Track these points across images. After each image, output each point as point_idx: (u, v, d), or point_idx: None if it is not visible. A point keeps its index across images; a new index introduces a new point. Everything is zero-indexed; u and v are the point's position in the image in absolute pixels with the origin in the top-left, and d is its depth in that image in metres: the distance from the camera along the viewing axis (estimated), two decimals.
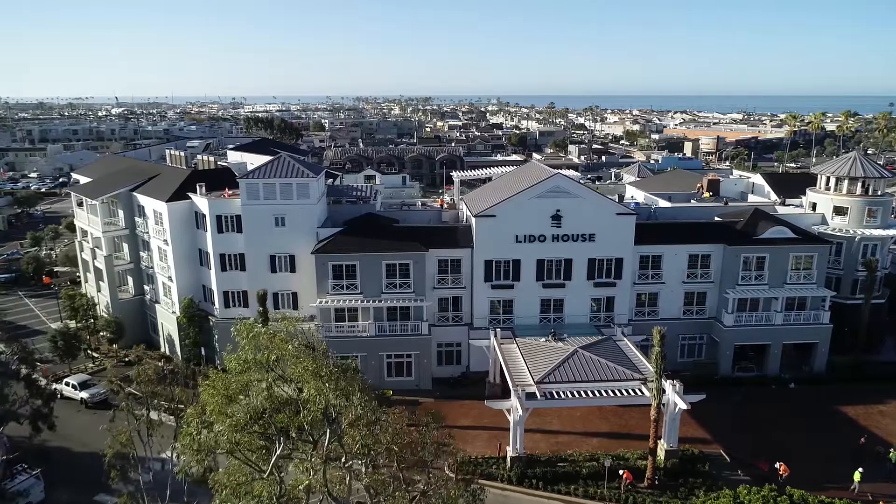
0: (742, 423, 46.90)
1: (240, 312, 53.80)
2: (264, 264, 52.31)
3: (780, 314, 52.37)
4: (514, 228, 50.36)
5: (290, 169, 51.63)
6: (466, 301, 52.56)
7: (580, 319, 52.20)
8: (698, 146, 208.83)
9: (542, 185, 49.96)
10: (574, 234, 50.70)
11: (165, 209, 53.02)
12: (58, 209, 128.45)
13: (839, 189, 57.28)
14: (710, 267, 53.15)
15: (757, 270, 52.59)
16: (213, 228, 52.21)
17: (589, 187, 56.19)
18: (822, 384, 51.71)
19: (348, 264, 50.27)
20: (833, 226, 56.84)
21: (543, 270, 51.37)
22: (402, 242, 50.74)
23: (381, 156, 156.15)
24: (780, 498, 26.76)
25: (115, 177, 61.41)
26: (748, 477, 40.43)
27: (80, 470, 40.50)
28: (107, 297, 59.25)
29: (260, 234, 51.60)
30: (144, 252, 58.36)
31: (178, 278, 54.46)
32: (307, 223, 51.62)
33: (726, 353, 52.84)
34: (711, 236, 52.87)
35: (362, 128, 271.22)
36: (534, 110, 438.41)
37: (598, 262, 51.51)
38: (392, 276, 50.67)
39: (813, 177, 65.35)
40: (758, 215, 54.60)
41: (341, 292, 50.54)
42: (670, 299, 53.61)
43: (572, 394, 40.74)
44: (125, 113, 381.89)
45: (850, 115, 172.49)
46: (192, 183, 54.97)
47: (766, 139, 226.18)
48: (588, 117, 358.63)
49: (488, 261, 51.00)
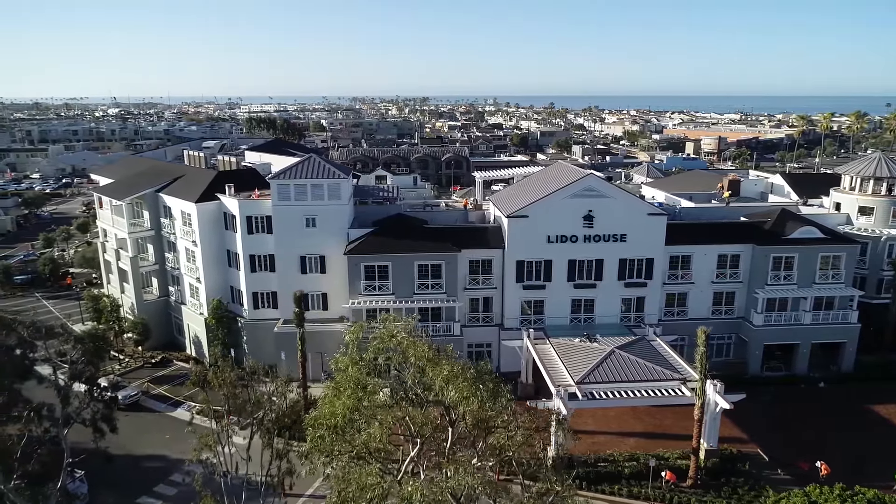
0: (774, 422, 47.08)
1: (269, 314, 53.83)
2: (294, 265, 52.16)
3: (808, 314, 52.59)
4: (547, 229, 50.42)
5: (321, 169, 51.53)
6: (497, 302, 52.58)
7: (610, 320, 52.32)
8: (700, 146, 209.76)
9: (575, 185, 50.04)
10: (605, 234, 50.81)
11: (195, 210, 52.79)
12: (64, 210, 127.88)
13: (864, 189, 57.63)
14: (739, 267, 53.36)
15: (786, 270, 52.82)
16: (243, 229, 52.04)
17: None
18: (851, 383, 51.96)
19: (380, 265, 50.20)
20: (858, 225, 57.17)
21: (575, 271, 51.47)
22: (433, 243, 50.71)
23: (387, 156, 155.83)
24: (856, 497, 26.77)
25: (139, 177, 61.11)
26: (789, 476, 40.69)
27: (120, 472, 40.26)
28: (131, 298, 58.95)
29: (290, 236, 51.46)
30: (170, 253, 58.10)
31: (207, 279, 54.25)
32: (338, 224, 51.54)
33: (755, 352, 53.04)
34: (741, 236, 53.08)
35: (363, 128, 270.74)
36: (532, 110, 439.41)
37: (628, 263, 51.65)
38: (424, 277, 50.64)
39: (833, 177, 65.87)
40: (785, 215, 54.85)
41: (373, 293, 50.46)
42: (699, 299, 53.80)
43: (614, 394, 40.85)
44: (122, 113, 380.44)
45: (859, 116, 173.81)
46: (218, 184, 54.81)
47: (766, 139, 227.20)
48: (586, 118, 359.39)
49: (520, 261, 51.05)
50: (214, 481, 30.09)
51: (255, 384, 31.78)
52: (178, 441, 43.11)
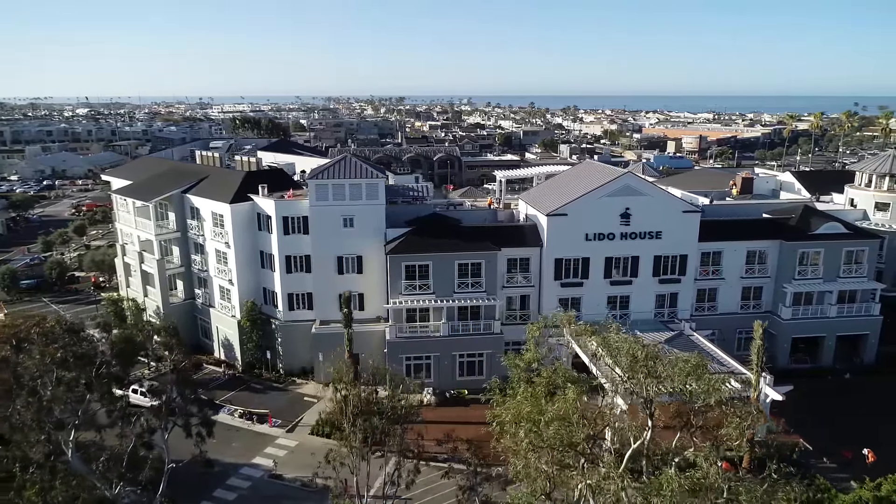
0: (811, 413, 48.27)
1: (304, 315, 53.40)
2: (331, 266, 51.85)
3: (833, 307, 54.22)
4: (585, 227, 51.02)
5: (358, 169, 51.32)
6: (534, 299, 53.01)
7: (645, 315, 53.16)
8: (681, 145, 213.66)
9: (613, 183, 50.72)
10: (641, 231, 51.61)
11: (228, 211, 52.08)
12: (52, 212, 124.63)
13: (879, 186, 59.58)
14: (767, 262, 54.73)
15: (812, 265, 54.33)
16: (280, 230, 51.51)
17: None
18: (876, 375, 53.69)
19: (421, 264, 50.20)
20: (875, 221, 59.10)
21: (611, 268, 52.19)
22: (473, 242, 50.90)
23: (378, 156, 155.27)
24: None
25: (161, 179, 59.94)
26: (834, 464, 41.96)
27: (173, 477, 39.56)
28: (156, 301, 57.81)
29: (328, 236, 51.13)
30: (197, 255, 57.18)
31: (240, 281, 53.56)
32: (375, 224, 51.40)
33: (784, 345, 54.45)
34: (769, 232, 54.42)
35: (345, 128, 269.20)
36: (508, 110, 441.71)
37: (663, 259, 52.56)
38: (464, 276, 50.79)
39: (843, 174, 68.03)
40: (809, 212, 56.40)
41: (414, 292, 50.42)
42: (728, 294, 55.01)
43: (662, 389, 41.44)
44: (92, 113, 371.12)
45: (849, 115, 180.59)
46: (248, 184, 54.15)
47: (744, 138, 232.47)
48: (563, 117, 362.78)
49: (558, 259, 51.55)
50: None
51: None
52: (222, 445, 42.34)
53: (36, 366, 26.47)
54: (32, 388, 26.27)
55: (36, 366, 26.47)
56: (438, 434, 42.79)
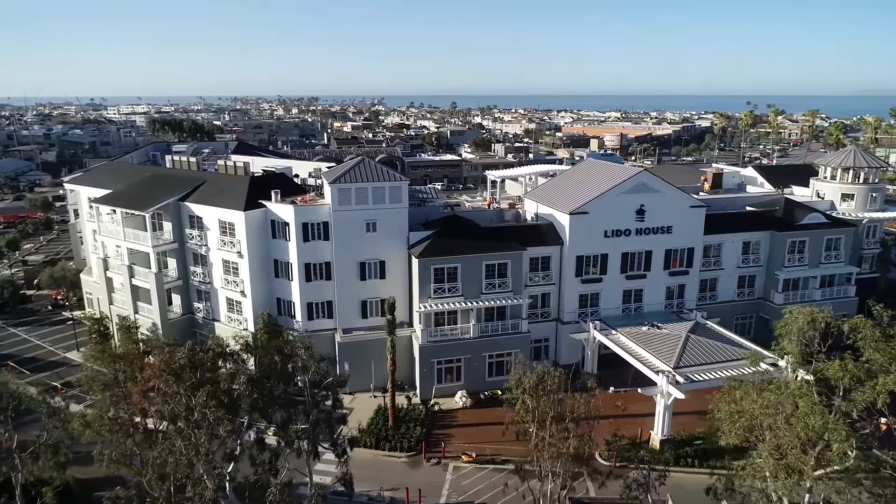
0: None
1: (324, 324, 51.57)
2: (354, 272, 50.40)
3: (817, 291, 58.81)
4: (604, 224, 52.43)
5: (379, 172, 50.17)
6: (554, 297, 53.88)
7: (656, 307, 55.38)
8: (604, 143, 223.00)
9: (630, 181, 52.42)
10: (654, 227, 53.69)
11: (242, 219, 49.35)
12: None
13: (844, 179, 65.09)
14: (760, 252, 58.51)
15: (798, 253, 58.61)
16: (299, 237, 49.38)
17: None
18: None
19: (450, 267, 49.75)
20: (842, 210, 64.48)
21: (627, 263, 53.94)
22: (499, 242, 51.03)
23: (319, 157, 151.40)
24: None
25: (149, 186, 55.70)
26: None
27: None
28: (152, 317, 53.71)
29: (350, 241, 49.63)
30: (198, 267, 53.71)
31: (254, 292, 50.86)
32: (399, 228, 50.46)
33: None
34: (762, 224, 58.19)
35: (266, 129, 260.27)
36: (423, 110, 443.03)
37: (672, 253, 54.94)
38: (491, 277, 50.82)
39: (800, 168, 73.62)
40: (791, 204, 60.77)
41: (443, 295, 49.88)
42: (727, 283, 58.35)
43: (712, 375, 43.55)
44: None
45: (778, 113, 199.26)
46: (254, 190, 51.54)
47: (658, 135, 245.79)
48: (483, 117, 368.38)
49: (580, 256, 52.68)
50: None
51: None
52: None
53: (203, 398, 24.82)
54: (198, 421, 24.17)
55: (203, 398, 24.82)
56: (487, 436, 42.96)
